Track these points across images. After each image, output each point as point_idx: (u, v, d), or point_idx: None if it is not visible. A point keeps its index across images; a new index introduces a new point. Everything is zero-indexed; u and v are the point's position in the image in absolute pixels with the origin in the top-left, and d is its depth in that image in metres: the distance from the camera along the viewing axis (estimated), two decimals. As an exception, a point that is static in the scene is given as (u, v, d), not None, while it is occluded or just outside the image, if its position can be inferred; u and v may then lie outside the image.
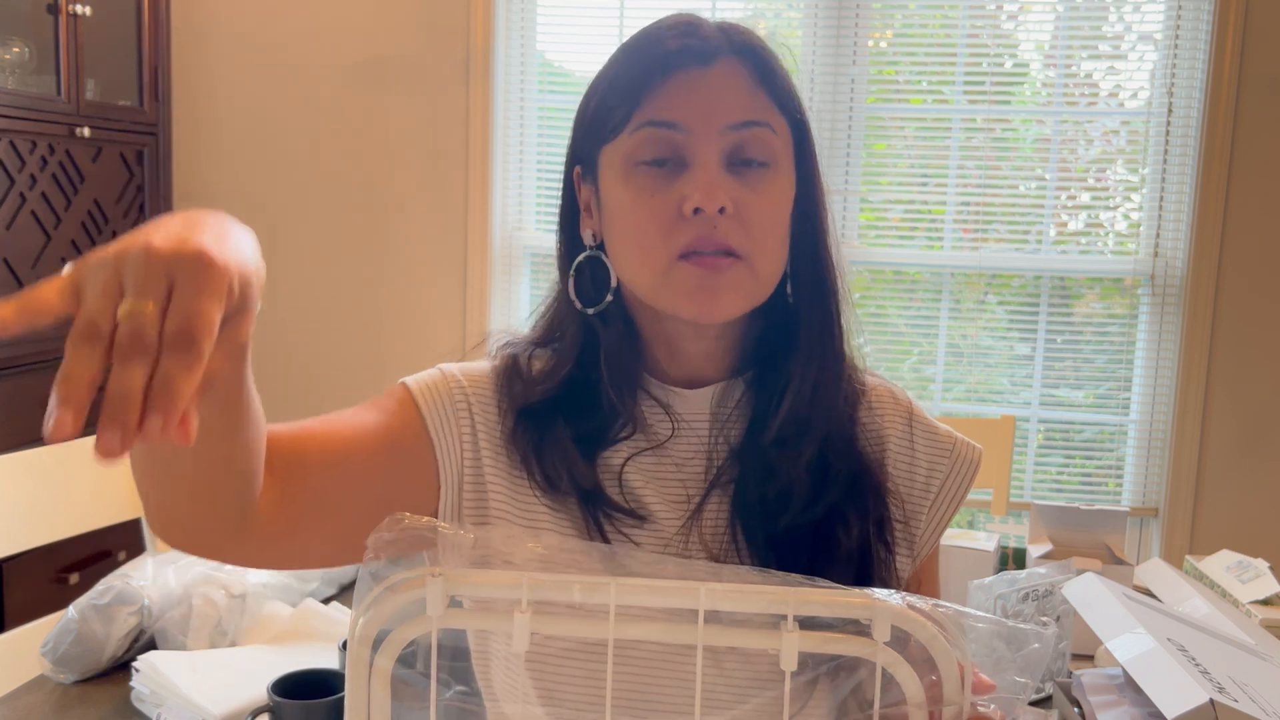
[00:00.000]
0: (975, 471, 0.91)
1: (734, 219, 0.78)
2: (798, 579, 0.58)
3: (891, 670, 0.56)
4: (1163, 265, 2.86)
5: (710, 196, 0.77)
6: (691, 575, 0.60)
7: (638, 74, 0.80)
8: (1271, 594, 1.45)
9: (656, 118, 0.79)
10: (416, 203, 3.09)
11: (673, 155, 0.79)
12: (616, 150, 0.81)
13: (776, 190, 0.81)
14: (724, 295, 0.79)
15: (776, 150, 0.81)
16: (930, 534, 0.90)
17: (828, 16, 2.89)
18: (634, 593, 0.57)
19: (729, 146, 0.79)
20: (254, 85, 3.12)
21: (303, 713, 1.06)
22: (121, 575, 1.35)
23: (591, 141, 0.84)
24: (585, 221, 0.86)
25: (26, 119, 2.42)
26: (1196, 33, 2.76)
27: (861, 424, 0.88)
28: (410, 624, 0.58)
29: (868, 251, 2.96)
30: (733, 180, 0.79)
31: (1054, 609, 1.32)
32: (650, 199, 0.79)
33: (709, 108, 0.79)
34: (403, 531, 0.61)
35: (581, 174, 0.86)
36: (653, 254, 0.79)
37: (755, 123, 0.80)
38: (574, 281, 0.86)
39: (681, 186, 0.78)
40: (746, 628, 0.58)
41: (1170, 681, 0.96)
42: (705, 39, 0.81)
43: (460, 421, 0.86)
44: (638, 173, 0.80)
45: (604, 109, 0.82)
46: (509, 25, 3.01)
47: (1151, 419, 2.91)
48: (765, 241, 0.80)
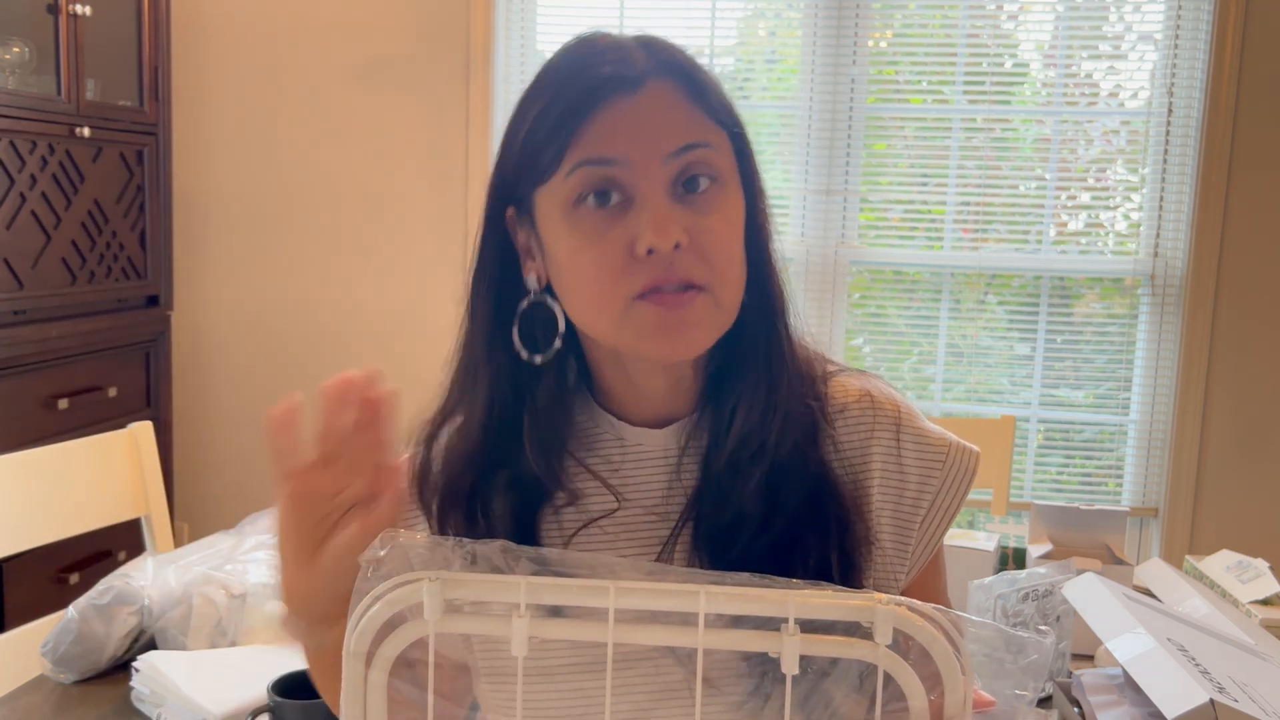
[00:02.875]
0: (971, 479, 0.86)
1: (690, 251, 0.74)
2: (799, 583, 0.58)
3: (893, 673, 0.56)
4: (1163, 265, 2.86)
5: (663, 234, 0.73)
6: (692, 581, 0.60)
7: (564, 108, 0.75)
8: (1271, 594, 1.45)
9: (593, 155, 0.74)
10: (416, 203, 3.09)
11: (615, 191, 0.75)
12: (553, 193, 0.76)
13: (728, 209, 0.78)
14: (688, 331, 0.75)
15: (721, 168, 0.78)
16: (923, 547, 0.86)
17: (828, 16, 2.89)
18: (634, 596, 0.57)
19: (673, 174, 0.75)
20: (254, 85, 3.12)
21: (303, 713, 1.06)
22: (121, 575, 1.35)
23: (523, 183, 0.78)
24: (528, 265, 0.81)
25: (26, 119, 2.42)
26: (1196, 33, 2.76)
27: (832, 437, 0.83)
28: (406, 628, 0.58)
29: (868, 251, 2.96)
30: (683, 210, 0.75)
31: (1054, 609, 1.32)
32: (599, 242, 0.74)
33: (646, 136, 0.75)
34: (396, 549, 0.61)
35: (517, 215, 0.81)
36: (607, 298, 0.75)
37: (697, 144, 0.76)
38: (517, 326, 0.81)
39: (630, 225, 0.74)
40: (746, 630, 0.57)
41: (1170, 681, 0.96)
42: (630, 62, 0.77)
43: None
44: (580, 215, 0.75)
45: (532, 148, 0.77)
46: (509, 25, 3.01)
47: (1151, 419, 2.91)
48: (725, 268, 0.76)
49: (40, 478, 1.59)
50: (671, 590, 0.57)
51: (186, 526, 3.18)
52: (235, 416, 3.23)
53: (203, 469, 3.24)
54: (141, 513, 1.72)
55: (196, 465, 3.23)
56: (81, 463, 1.64)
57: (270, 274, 3.18)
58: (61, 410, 2.53)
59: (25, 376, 2.45)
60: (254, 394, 3.21)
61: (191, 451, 3.21)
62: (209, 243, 3.19)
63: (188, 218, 3.14)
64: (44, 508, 1.59)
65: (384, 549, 0.61)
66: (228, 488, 3.23)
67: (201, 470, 3.24)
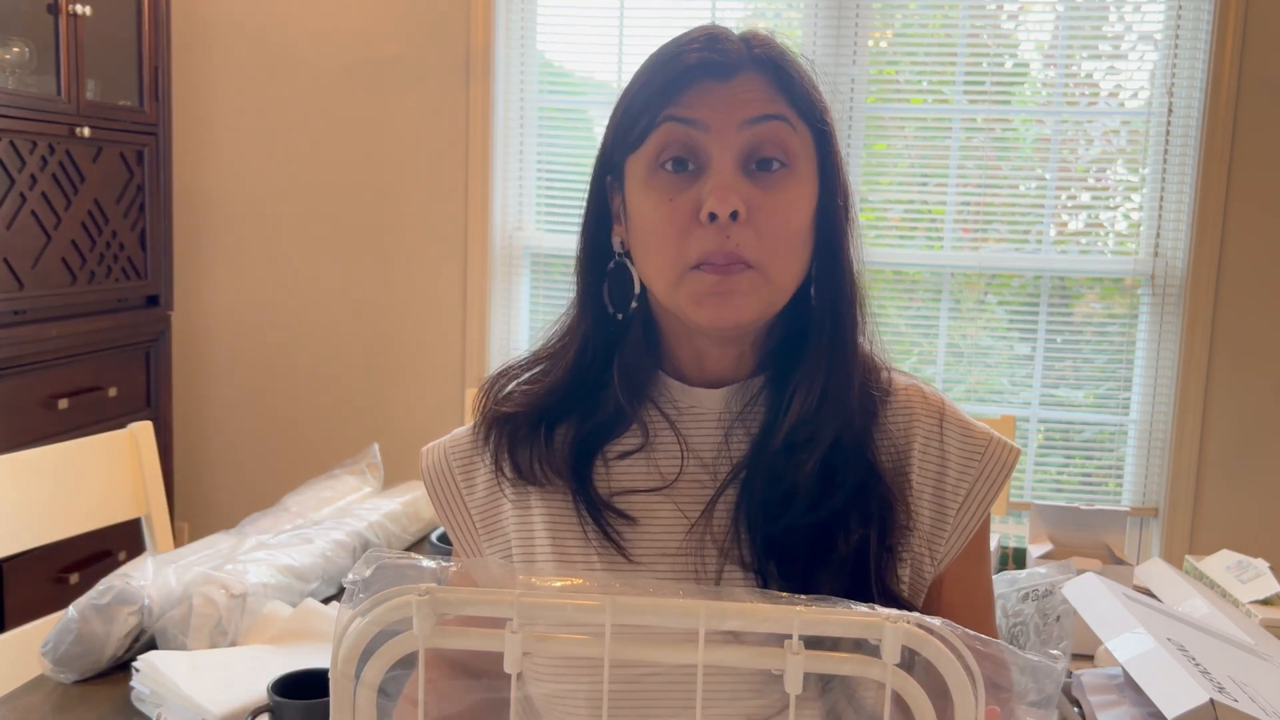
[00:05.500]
0: (1007, 474, 0.88)
1: (747, 225, 0.79)
2: (802, 599, 0.57)
3: (901, 691, 0.55)
4: (1163, 265, 2.86)
5: (724, 201, 0.78)
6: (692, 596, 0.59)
7: (660, 85, 0.82)
8: (1271, 594, 1.45)
9: (676, 114, 0.81)
10: (416, 203, 3.09)
11: (692, 157, 0.81)
12: (640, 157, 0.83)
13: (794, 193, 0.82)
14: (735, 300, 0.80)
15: (795, 150, 0.82)
16: (957, 535, 0.87)
17: (828, 16, 2.89)
18: (631, 611, 0.56)
19: (747, 145, 0.81)
20: (254, 85, 3.12)
21: (303, 713, 1.06)
22: (121, 575, 1.35)
23: (619, 150, 0.86)
24: (616, 229, 0.88)
25: (26, 119, 2.42)
26: (1196, 33, 2.76)
27: (884, 428, 0.87)
28: (396, 642, 0.57)
29: (868, 252, 2.94)
30: (748, 184, 0.80)
31: (1054, 609, 1.32)
32: (669, 203, 0.81)
33: (727, 106, 0.81)
34: (380, 569, 0.60)
35: (611, 182, 0.88)
36: (669, 259, 0.81)
37: (772, 116, 0.81)
38: (607, 285, 0.88)
39: (698, 190, 0.80)
40: (750, 646, 0.57)
41: (1170, 681, 0.96)
42: (726, 52, 0.83)
43: (452, 497, 0.91)
44: (659, 176, 0.82)
45: (628, 119, 0.84)
46: (509, 25, 3.01)
47: (1151, 419, 2.91)
48: (779, 248, 0.81)
49: (40, 478, 1.59)
50: (671, 607, 0.56)
51: (186, 526, 3.18)
52: (235, 416, 3.23)
53: (203, 469, 3.24)
54: (141, 513, 1.72)
55: (196, 465, 3.23)
56: (81, 463, 1.64)
57: (270, 274, 3.18)
58: (61, 410, 2.53)
59: (25, 376, 2.45)
60: (254, 394, 3.21)
61: (191, 451, 3.21)
62: (209, 243, 3.19)
63: (188, 218, 3.14)
64: (44, 508, 1.59)
65: (369, 569, 0.60)
66: (228, 488, 3.23)
67: (201, 470, 3.24)
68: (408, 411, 3.10)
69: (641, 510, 0.85)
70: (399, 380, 3.13)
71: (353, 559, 1.59)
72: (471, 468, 0.91)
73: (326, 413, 3.18)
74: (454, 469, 0.92)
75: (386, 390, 3.13)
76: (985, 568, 0.93)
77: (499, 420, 0.90)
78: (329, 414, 3.17)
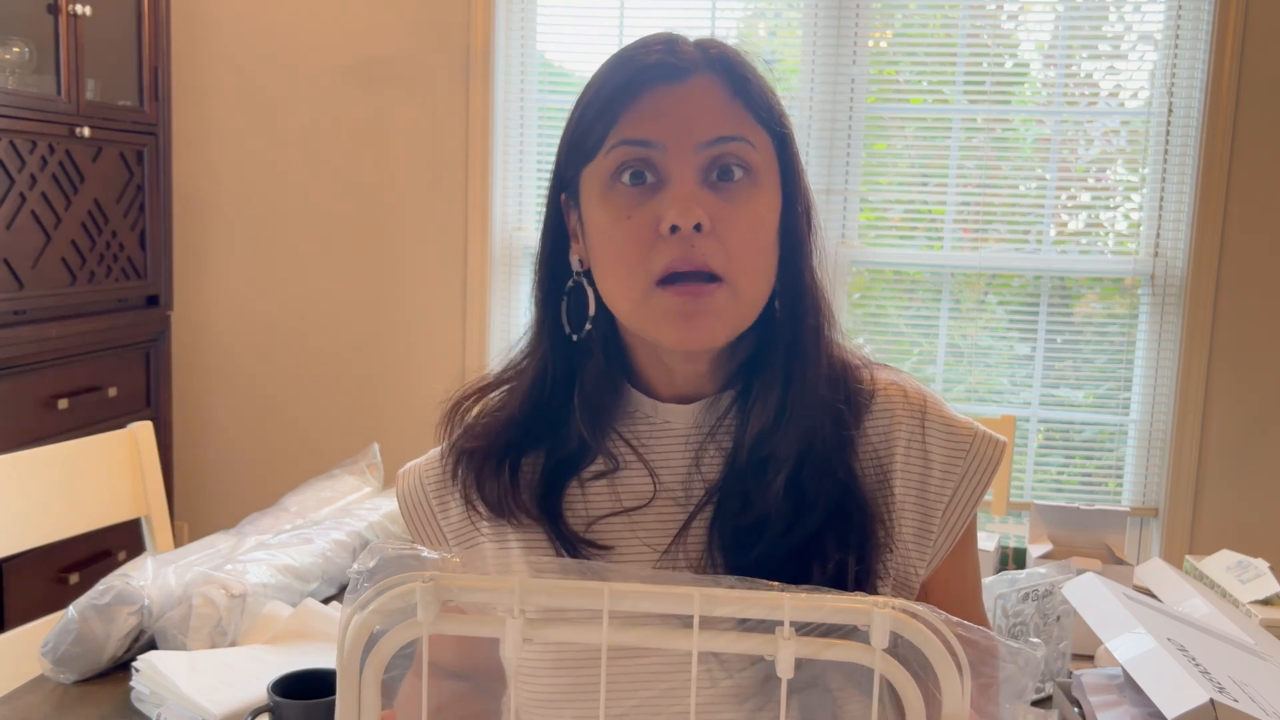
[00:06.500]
0: (994, 469, 0.86)
1: (712, 237, 0.77)
2: (794, 587, 0.58)
3: (889, 677, 0.55)
4: (1163, 265, 2.86)
5: (686, 212, 0.76)
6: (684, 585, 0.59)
7: (611, 93, 0.80)
8: (1271, 594, 1.45)
9: (631, 136, 0.78)
10: (416, 203, 3.09)
11: (650, 173, 0.79)
12: (595, 171, 0.81)
13: (758, 204, 0.80)
14: (706, 321, 0.77)
15: (756, 163, 0.80)
16: (945, 535, 0.86)
17: (828, 16, 2.89)
18: (628, 598, 0.56)
19: (705, 163, 0.78)
20: (254, 85, 3.12)
21: (303, 713, 1.06)
22: (121, 575, 1.35)
23: (572, 165, 0.83)
24: (574, 247, 0.85)
25: (26, 119, 2.42)
26: (1196, 33, 2.76)
27: (864, 434, 0.84)
28: (401, 629, 0.57)
29: (868, 251, 2.96)
30: (711, 196, 0.78)
31: (1054, 609, 1.32)
32: (627, 219, 0.78)
33: (683, 124, 0.78)
34: (384, 561, 0.61)
35: (566, 199, 0.85)
36: (632, 277, 0.78)
37: (730, 138, 0.79)
38: (565, 306, 0.85)
39: (659, 204, 0.77)
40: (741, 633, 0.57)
41: (1170, 681, 0.96)
42: (680, 55, 0.81)
43: (427, 523, 0.90)
44: (615, 192, 0.79)
45: (580, 130, 0.82)
46: (509, 25, 3.01)
47: (1151, 419, 2.91)
48: (746, 260, 0.78)
49: (40, 478, 1.59)
50: (666, 593, 0.56)
51: (186, 526, 3.18)
52: (235, 416, 3.23)
53: (203, 469, 3.24)
54: (141, 513, 1.72)
55: (196, 465, 3.23)
56: (81, 463, 1.64)
57: (270, 274, 3.18)
58: (61, 410, 2.53)
59: (25, 376, 2.45)
60: (254, 394, 3.21)
61: (191, 451, 3.21)
62: (209, 243, 3.19)
63: (188, 218, 3.14)
64: (44, 508, 1.59)
65: (373, 560, 0.61)
66: (228, 488, 3.23)
67: (201, 470, 3.24)
68: (408, 411, 3.10)
69: (616, 537, 0.84)
70: (399, 380, 3.13)
71: (352, 559, 1.59)
72: (445, 494, 0.90)
73: (326, 413, 3.18)
74: (429, 496, 0.91)
75: (386, 390, 3.13)
76: (972, 556, 0.91)
77: (464, 455, 0.88)
78: (329, 414, 3.17)
